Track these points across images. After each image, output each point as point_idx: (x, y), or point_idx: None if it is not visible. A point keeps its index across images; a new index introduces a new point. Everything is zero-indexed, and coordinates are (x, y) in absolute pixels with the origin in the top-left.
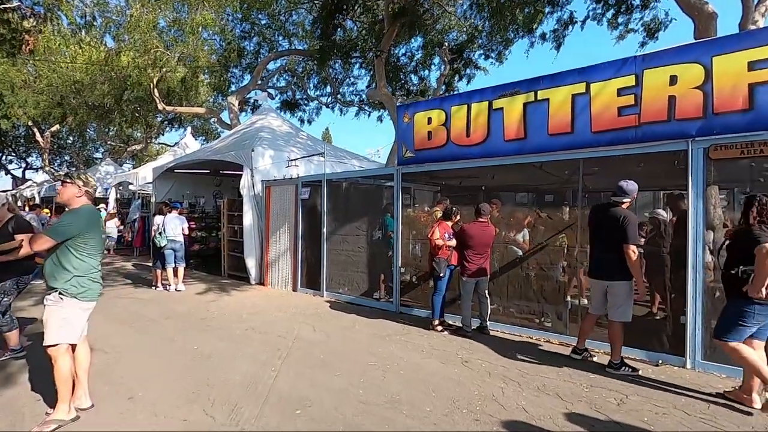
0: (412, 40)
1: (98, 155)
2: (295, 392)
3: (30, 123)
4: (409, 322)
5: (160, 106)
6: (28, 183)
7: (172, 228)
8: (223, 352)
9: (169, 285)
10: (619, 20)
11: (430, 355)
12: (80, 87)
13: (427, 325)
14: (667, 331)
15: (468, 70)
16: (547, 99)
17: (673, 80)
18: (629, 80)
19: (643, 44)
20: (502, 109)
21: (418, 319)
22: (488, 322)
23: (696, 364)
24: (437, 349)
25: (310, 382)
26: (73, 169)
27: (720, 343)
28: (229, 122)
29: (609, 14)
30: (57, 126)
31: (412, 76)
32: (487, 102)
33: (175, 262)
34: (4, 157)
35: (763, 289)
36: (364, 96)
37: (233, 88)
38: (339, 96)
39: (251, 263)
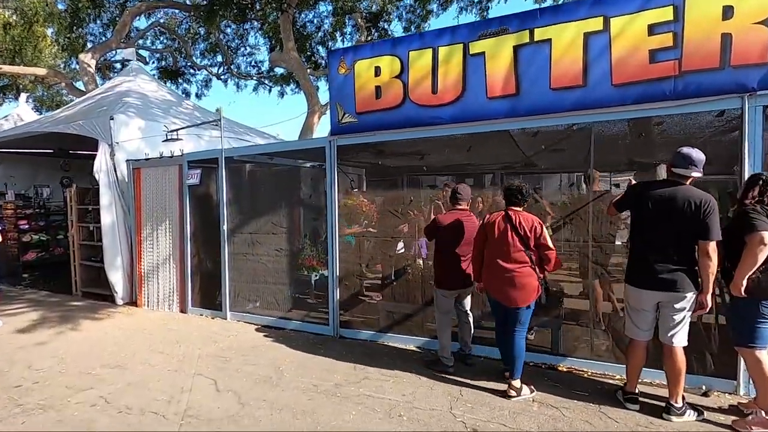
0: (321, 3)
1: None
2: None
3: None
4: (361, 356)
5: None
6: None
7: None
8: None
9: None
10: None
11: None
12: None
13: (389, 357)
14: (711, 348)
15: None
16: (549, 40)
17: (727, 12)
18: (665, 13)
19: None
20: (483, 54)
21: (370, 348)
22: (471, 348)
23: (750, 389)
24: (428, 410)
25: None
26: None
27: (745, 352)
28: (84, 89)
29: None
30: None
31: (320, 47)
32: (461, 45)
33: None
34: None
35: (744, 282)
36: (263, 68)
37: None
38: (233, 67)
39: (116, 276)
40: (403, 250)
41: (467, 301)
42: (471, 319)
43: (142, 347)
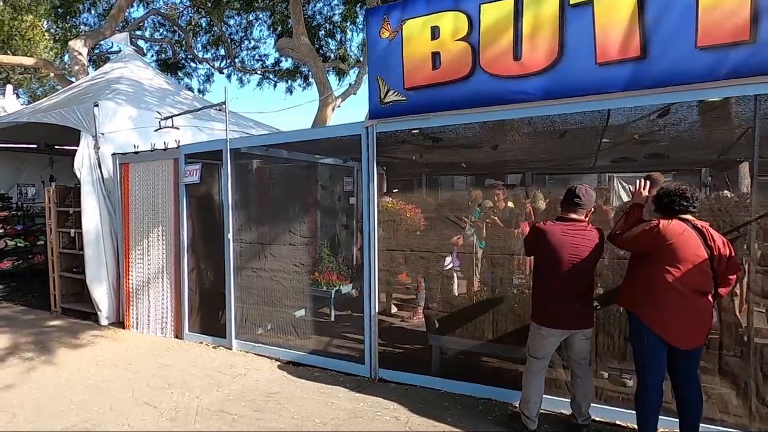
0: None
1: None
2: None
3: None
4: (416, 411)
5: None
6: None
7: None
8: None
9: None
10: None
11: None
12: None
13: (453, 412)
14: None
15: None
16: None
17: None
18: None
19: None
20: (590, 2)
21: (424, 398)
22: (589, 418)
23: None
24: None
25: None
26: None
27: None
28: (74, 79)
29: None
30: None
31: (329, 40)
32: None
33: None
34: None
35: None
36: (268, 62)
37: None
38: (236, 61)
39: (100, 292)
40: (451, 266)
41: (584, 348)
42: (591, 375)
43: (123, 395)
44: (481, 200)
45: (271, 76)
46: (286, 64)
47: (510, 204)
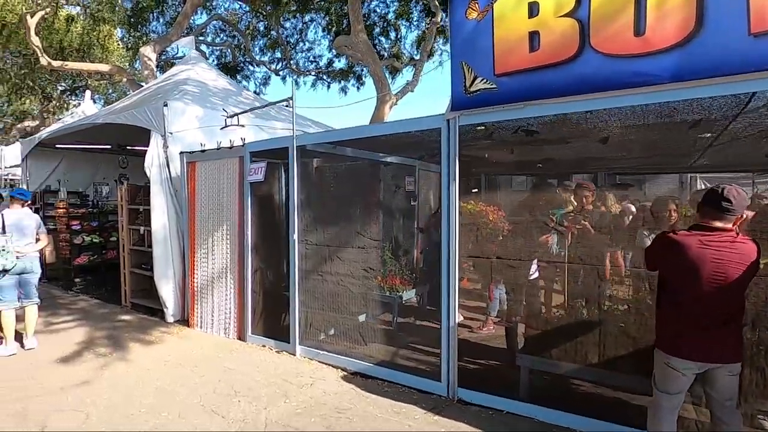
0: None
1: None
2: None
3: None
4: None
5: (43, 60)
6: None
7: (22, 236)
8: None
9: (3, 340)
10: None
11: None
12: None
13: None
14: None
15: None
16: None
17: None
18: None
19: None
20: None
21: (512, 426)
22: None
23: None
24: None
25: None
26: None
27: None
28: (143, 83)
29: None
30: None
31: (382, 38)
32: None
33: (20, 299)
34: None
35: None
36: (321, 63)
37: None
38: (292, 63)
39: (167, 290)
40: (536, 276)
41: (730, 387)
42: (740, 422)
43: (191, 400)
44: (570, 201)
45: (324, 77)
46: (339, 64)
47: (616, 206)
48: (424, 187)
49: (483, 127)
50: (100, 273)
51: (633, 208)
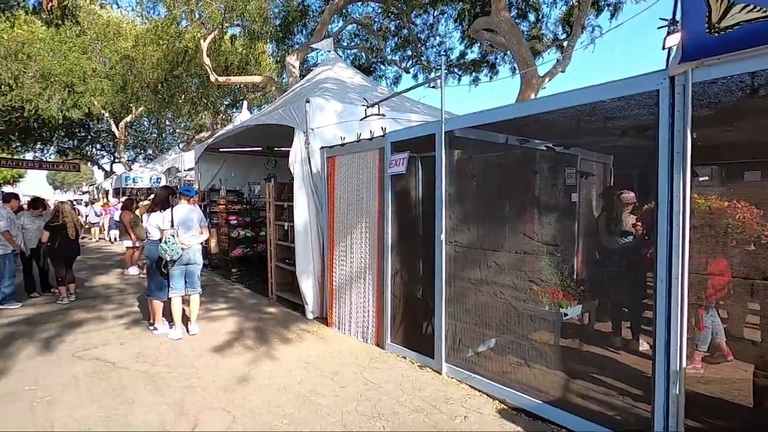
0: None
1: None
2: None
3: (105, 114)
4: None
5: (212, 78)
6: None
7: (187, 230)
8: None
9: (173, 325)
10: None
11: None
12: (131, 63)
13: None
14: None
15: None
16: None
17: None
18: None
19: None
20: None
21: None
22: None
23: None
24: None
25: None
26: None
27: None
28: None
29: None
30: (130, 117)
31: (518, 21)
32: None
33: (186, 289)
34: (95, 151)
35: None
36: (452, 56)
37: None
38: (422, 59)
39: (307, 286)
40: None
41: None
42: None
43: (332, 418)
44: None
45: (455, 70)
46: (471, 55)
47: None
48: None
49: (735, 84)
50: (252, 264)
51: None
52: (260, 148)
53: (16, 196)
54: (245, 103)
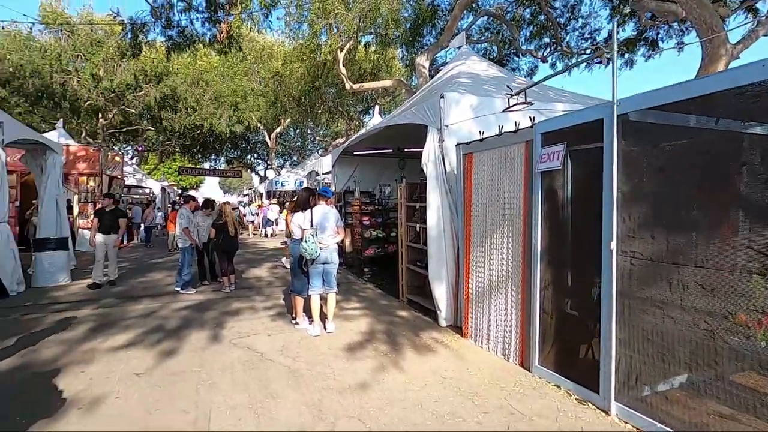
0: None
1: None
2: None
3: (261, 126)
4: None
5: (347, 85)
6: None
7: (324, 230)
8: None
9: (312, 321)
10: None
11: None
12: (280, 79)
13: None
14: None
15: None
16: None
17: None
18: None
19: None
20: None
21: None
22: None
23: None
24: None
25: None
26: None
27: None
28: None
29: None
30: (279, 128)
31: None
32: None
33: (324, 287)
34: (253, 160)
35: None
36: (599, 38)
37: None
38: (562, 45)
39: (440, 291)
40: None
41: None
42: None
43: None
44: None
45: (604, 51)
46: (623, 34)
47: None
48: None
49: None
50: (383, 265)
51: None
52: (390, 150)
53: (193, 198)
54: (377, 107)
